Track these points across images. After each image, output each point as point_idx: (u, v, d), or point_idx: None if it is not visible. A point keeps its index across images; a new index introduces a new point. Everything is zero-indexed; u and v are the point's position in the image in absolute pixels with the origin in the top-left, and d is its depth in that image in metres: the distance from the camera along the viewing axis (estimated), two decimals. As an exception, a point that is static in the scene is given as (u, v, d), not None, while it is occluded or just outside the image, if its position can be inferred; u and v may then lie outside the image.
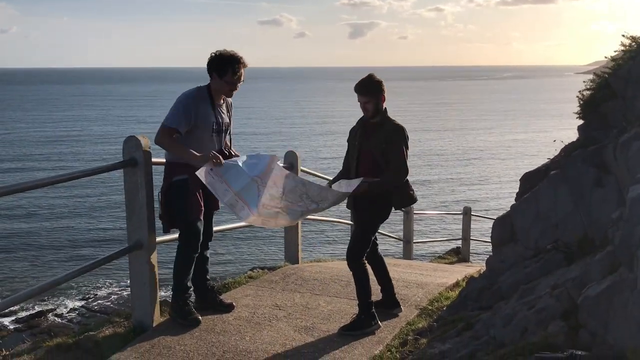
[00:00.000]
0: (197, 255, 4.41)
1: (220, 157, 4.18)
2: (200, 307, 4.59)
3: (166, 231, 4.39)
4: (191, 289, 4.53)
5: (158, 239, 4.35)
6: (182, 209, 4.27)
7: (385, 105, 4.49)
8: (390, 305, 4.82)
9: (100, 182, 28.78)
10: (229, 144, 4.55)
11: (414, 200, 4.61)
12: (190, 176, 4.19)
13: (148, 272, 4.19)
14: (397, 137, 4.39)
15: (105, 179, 28.08)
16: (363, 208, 4.50)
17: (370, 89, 4.42)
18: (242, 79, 4.31)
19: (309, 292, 5.29)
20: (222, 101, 4.39)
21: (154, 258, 4.25)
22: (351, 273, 4.51)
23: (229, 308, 4.70)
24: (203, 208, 4.36)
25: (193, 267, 4.44)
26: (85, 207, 26.26)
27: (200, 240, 4.38)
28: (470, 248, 13.10)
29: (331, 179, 4.96)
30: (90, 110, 76.28)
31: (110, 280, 17.07)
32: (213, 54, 4.26)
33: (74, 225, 23.57)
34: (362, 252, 4.48)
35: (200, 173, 4.08)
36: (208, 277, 4.73)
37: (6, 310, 14.35)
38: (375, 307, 4.82)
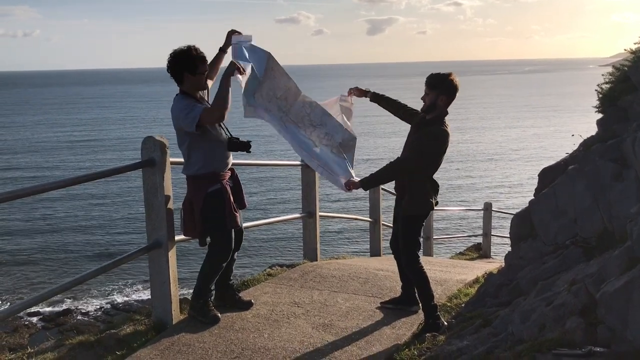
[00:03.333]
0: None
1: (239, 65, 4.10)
2: (220, 305, 4.63)
3: (204, 245, 4.39)
4: (213, 290, 4.57)
5: (177, 237, 4.39)
6: (220, 220, 4.27)
7: (445, 110, 4.32)
8: (409, 302, 4.80)
9: (121, 182, 29.12)
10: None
11: (424, 208, 4.45)
12: (222, 185, 4.24)
13: (167, 271, 4.24)
14: (424, 138, 4.28)
15: (126, 178, 28.40)
16: (401, 207, 4.51)
17: (432, 81, 4.32)
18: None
19: (327, 290, 5.30)
20: (199, 95, 4.28)
21: (173, 257, 4.29)
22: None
23: (247, 305, 4.73)
24: (238, 215, 4.37)
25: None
26: (106, 206, 26.61)
27: (232, 248, 4.44)
28: (492, 244, 13.01)
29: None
30: (110, 111, 77.16)
31: (134, 278, 17.31)
32: (172, 57, 4.11)
33: (95, 225, 23.96)
34: (411, 252, 4.47)
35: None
36: (231, 276, 4.76)
37: (33, 309, 14.68)
38: (394, 303, 4.82)
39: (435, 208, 4.61)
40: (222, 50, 4.45)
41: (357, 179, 4.48)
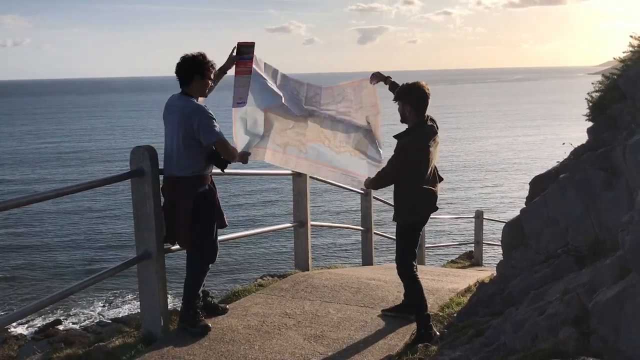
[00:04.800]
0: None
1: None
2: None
3: (190, 249, 4.34)
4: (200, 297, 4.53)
5: (166, 248, 4.35)
6: (211, 221, 4.30)
7: (418, 118, 4.36)
8: (408, 310, 4.78)
9: (109, 193, 28.92)
10: None
11: (410, 217, 4.49)
12: (209, 187, 4.28)
13: (157, 282, 4.19)
14: (398, 148, 4.36)
15: (114, 189, 28.21)
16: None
17: (397, 93, 4.45)
18: None
19: (318, 300, 5.27)
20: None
21: (162, 268, 4.25)
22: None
23: (224, 311, 4.78)
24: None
25: None
26: (95, 217, 26.40)
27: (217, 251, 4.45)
28: (483, 251, 13.02)
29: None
30: (100, 121, 76.85)
31: (126, 288, 17.17)
32: (186, 58, 4.18)
33: (84, 236, 23.75)
34: (404, 261, 4.49)
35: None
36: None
37: (23, 320, 14.52)
38: (394, 311, 4.82)
39: (431, 217, 4.65)
40: (223, 71, 4.49)
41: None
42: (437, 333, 4.31)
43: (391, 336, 4.43)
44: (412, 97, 4.34)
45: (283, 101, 4.59)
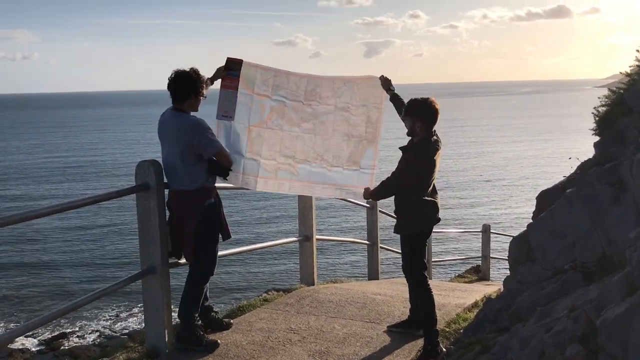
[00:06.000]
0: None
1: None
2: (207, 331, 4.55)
3: (192, 261, 4.33)
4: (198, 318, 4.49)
5: (172, 262, 4.33)
6: (215, 234, 4.34)
7: (426, 133, 4.40)
8: (414, 326, 4.74)
9: (115, 207, 28.93)
10: None
11: (413, 228, 4.50)
12: (215, 200, 4.33)
13: (161, 297, 4.17)
14: (404, 161, 4.40)
15: (119, 203, 28.21)
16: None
17: (408, 107, 4.48)
18: None
19: (324, 315, 5.23)
20: None
21: (167, 282, 4.23)
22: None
23: (229, 326, 4.76)
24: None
25: None
26: (101, 232, 26.37)
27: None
28: (490, 266, 12.93)
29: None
30: (107, 134, 77.28)
31: (132, 301, 17.13)
32: (181, 76, 4.20)
33: (89, 250, 23.73)
34: (415, 273, 4.49)
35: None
36: (208, 295, 4.70)
37: (29, 333, 14.50)
38: (400, 327, 4.78)
39: (433, 229, 4.64)
40: (210, 82, 4.55)
41: (371, 186, 4.87)
42: (444, 349, 4.27)
43: (397, 352, 4.39)
44: (423, 113, 4.38)
45: (267, 118, 4.72)
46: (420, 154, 4.36)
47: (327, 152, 4.96)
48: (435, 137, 4.44)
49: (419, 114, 4.37)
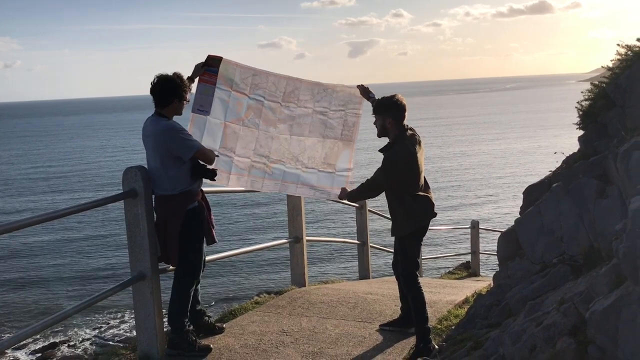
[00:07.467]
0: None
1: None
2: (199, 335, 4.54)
3: (176, 265, 4.32)
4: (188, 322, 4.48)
5: (162, 268, 4.32)
6: (199, 238, 4.32)
7: (398, 129, 4.44)
8: (406, 324, 4.76)
9: (102, 214, 28.70)
10: None
11: (407, 228, 4.51)
12: (199, 203, 4.31)
13: (152, 303, 4.16)
14: (386, 160, 4.41)
15: (107, 210, 27.99)
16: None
17: (375, 108, 4.52)
18: None
19: (316, 316, 5.24)
20: None
21: (157, 288, 4.21)
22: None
23: (221, 330, 4.75)
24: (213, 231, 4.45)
25: None
26: (89, 239, 26.13)
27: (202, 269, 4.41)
28: (480, 261, 13.01)
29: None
30: (92, 140, 76.69)
31: (123, 308, 17.03)
32: (165, 81, 4.18)
33: (78, 258, 23.50)
34: (408, 272, 4.50)
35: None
36: (200, 299, 4.68)
37: (20, 344, 14.36)
38: (392, 325, 4.80)
39: (429, 226, 4.68)
40: (190, 80, 4.52)
41: (348, 188, 4.86)
42: (436, 346, 4.29)
43: (389, 351, 4.41)
44: (391, 110, 4.43)
45: (244, 115, 4.73)
46: (396, 152, 4.39)
47: (302, 154, 4.99)
48: (410, 132, 4.48)
49: (388, 111, 4.43)
